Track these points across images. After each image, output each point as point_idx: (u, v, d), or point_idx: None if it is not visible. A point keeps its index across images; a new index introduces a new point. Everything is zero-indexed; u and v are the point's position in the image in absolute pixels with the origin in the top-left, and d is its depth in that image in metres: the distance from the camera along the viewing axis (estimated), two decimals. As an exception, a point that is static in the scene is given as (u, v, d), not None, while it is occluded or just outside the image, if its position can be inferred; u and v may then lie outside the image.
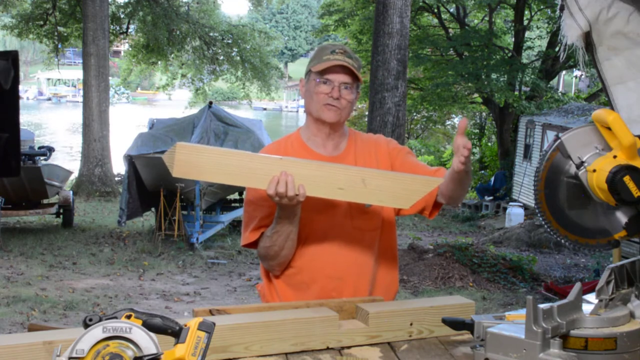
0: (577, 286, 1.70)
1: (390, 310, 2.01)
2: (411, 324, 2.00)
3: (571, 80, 31.39)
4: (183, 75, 22.57)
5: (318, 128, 2.31)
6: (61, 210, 11.27)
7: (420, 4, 18.10)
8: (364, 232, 2.31)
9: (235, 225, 11.22)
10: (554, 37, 15.95)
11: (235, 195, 11.91)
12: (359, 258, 2.30)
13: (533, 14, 17.74)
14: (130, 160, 9.78)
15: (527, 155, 15.49)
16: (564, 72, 22.58)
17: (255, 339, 1.82)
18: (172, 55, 20.97)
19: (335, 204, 2.25)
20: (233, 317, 1.90)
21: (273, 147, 2.39)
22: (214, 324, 1.44)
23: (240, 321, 1.84)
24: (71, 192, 11.58)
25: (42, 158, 10.52)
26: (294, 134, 2.41)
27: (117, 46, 31.01)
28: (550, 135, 13.80)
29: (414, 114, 21.49)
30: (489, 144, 20.84)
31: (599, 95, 17.38)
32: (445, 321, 1.89)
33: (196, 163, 1.96)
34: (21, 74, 2.89)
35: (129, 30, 20.70)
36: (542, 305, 1.60)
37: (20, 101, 2.94)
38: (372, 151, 2.36)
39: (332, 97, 2.24)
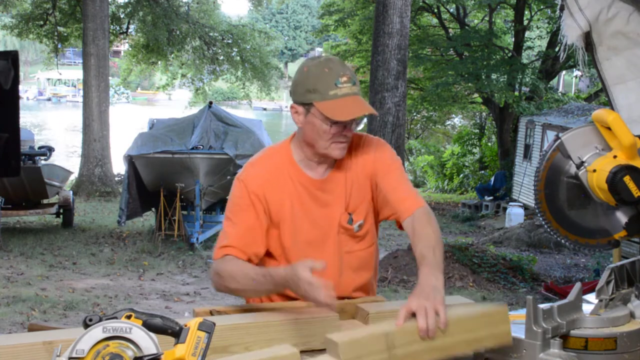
0: (577, 286, 1.70)
1: (390, 310, 2.01)
2: (411, 324, 2.00)
3: (571, 80, 31.36)
4: (183, 75, 22.57)
5: (318, 159, 2.12)
6: (61, 210, 11.26)
7: (420, 4, 18.11)
8: (352, 258, 2.22)
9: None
10: (554, 37, 15.95)
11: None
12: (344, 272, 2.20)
13: (533, 14, 17.73)
14: (130, 160, 9.78)
15: (527, 155, 15.48)
16: (564, 72, 22.58)
17: (255, 339, 1.81)
18: (172, 55, 20.97)
19: (326, 241, 2.16)
20: (233, 317, 1.90)
21: (260, 165, 2.16)
22: (214, 324, 1.44)
23: (240, 321, 1.84)
24: (71, 192, 11.58)
25: (42, 158, 10.52)
26: (284, 147, 2.18)
27: (117, 46, 30.98)
28: (550, 135, 13.79)
29: (414, 114, 21.50)
30: (489, 144, 20.84)
31: (599, 95, 17.37)
32: (445, 321, 1.88)
33: None
34: (21, 74, 2.89)
35: (129, 30, 20.71)
36: (542, 305, 1.60)
37: (20, 101, 2.94)
38: (364, 171, 2.16)
39: (344, 134, 2.05)
